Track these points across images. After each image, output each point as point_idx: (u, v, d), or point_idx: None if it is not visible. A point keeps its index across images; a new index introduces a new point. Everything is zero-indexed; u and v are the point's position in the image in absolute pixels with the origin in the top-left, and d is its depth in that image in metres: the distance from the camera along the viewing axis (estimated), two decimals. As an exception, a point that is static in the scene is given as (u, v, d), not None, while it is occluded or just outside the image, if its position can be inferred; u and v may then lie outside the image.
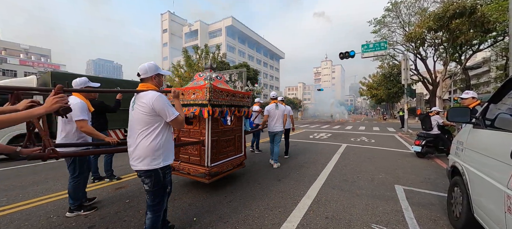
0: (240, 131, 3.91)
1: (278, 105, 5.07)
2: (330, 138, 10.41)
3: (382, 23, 19.48)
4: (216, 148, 3.29)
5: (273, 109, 5.02)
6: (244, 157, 3.98)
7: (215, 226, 2.41)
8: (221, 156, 3.43)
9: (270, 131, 5.06)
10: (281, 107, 5.13)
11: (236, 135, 3.80)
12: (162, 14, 57.34)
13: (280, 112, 5.06)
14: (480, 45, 15.77)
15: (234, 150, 3.77)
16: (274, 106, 5.05)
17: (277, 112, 5.03)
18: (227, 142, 3.58)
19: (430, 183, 3.85)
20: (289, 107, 5.86)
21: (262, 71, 57.89)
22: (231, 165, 3.61)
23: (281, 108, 5.11)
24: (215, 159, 3.27)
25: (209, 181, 3.17)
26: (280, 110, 5.07)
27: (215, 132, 3.27)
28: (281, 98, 5.63)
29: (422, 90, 31.59)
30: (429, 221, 2.55)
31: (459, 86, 32.29)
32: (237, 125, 3.85)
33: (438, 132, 5.89)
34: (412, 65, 18.96)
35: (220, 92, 3.23)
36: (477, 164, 1.97)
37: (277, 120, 5.02)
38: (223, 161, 3.45)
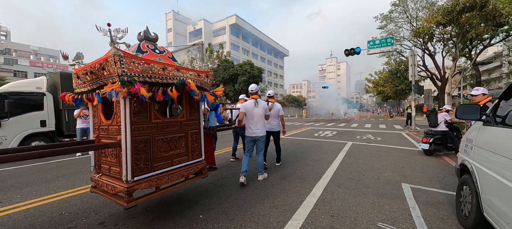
0: (196, 126, 2.89)
1: (258, 102, 3.76)
2: (336, 136, 10.33)
3: (388, 18, 19.09)
4: (147, 152, 2.29)
5: (251, 107, 3.70)
6: (205, 163, 3.01)
7: (221, 223, 2.44)
8: (158, 163, 2.40)
9: (249, 135, 3.74)
10: (262, 104, 3.80)
11: (188, 132, 2.76)
12: (166, 14, 57.72)
13: (260, 111, 3.72)
14: (491, 39, 15.28)
15: (186, 153, 2.73)
16: (252, 103, 3.73)
17: (256, 111, 3.69)
18: (170, 142, 2.53)
19: (438, 182, 3.78)
20: (279, 105, 4.70)
21: (266, 69, 57.73)
22: (180, 175, 2.61)
23: (262, 106, 3.77)
24: (145, 170, 2.27)
25: (128, 205, 2.11)
26: (260, 109, 3.73)
27: (143, 127, 2.27)
28: (271, 93, 4.66)
29: (430, 87, 30.92)
30: (437, 219, 2.51)
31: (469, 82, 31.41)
32: (191, 117, 2.81)
33: (446, 129, 5.77)
34: (420, 61, 18.55)
35: (143, 64, 2.10)
36: (487, 162, 1.93)
37: (257, 121, 3.72)
38: (161, 171, 2.42)
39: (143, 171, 2.26)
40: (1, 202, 3.16)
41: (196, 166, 2.86)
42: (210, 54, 26.52)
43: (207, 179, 3.93)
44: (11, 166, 5.13)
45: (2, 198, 3.33)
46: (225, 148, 7.13)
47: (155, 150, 2.38)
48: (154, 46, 2.65)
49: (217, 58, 26.45)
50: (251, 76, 25.21)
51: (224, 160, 5.44)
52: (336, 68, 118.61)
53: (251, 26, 53.46)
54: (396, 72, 26.98)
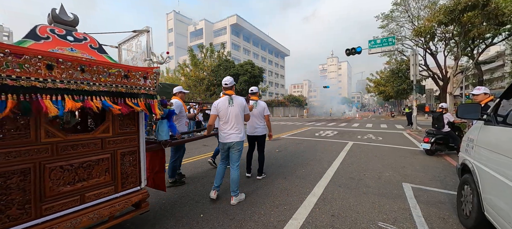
0: (133, 143, 2.11)
1: (234, 99, 2.97)
2: (336, 135, 10.32)
3: (390, 17, 19.05)
4: (26, 189, 1.54)
5: (224, 106, 2.93)
6: (146, 193, 2.19)
7: (221, 223, 2.45)
8: (54, 203, 1.65)
9: (221, 141, 2.99)
10: (238, 101, 2.99)
11: (117, 152, 2.00)
12: (167, 14, 57.89)
13: (236, 110, 2.94)
14: (493, 38, 15.19)
15: (112, 182, 1.96)
16: (225, 100, 2.95)
17: (231, 111, 2.92)
18: (80, 169, 1.78)
19: (440, 181, 3.77)
20: (264, 104, 3.87)
21: (267, 69, 57.72)
22: (98, 216, 1.85)
23: (238, 104, 2.97)
24: (21, 217, 1.51)
25: None
26: (236, 107, 2.95)
27: (19, 152, 1.51)
28: (254, 90, 3.97)
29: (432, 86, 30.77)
30: (438, 219, 2.50)
31: (471, 81, 31.26)
32: (123, 131, 2.04)
33: (448, 129, 5.75)
34: (421, 60, 18.49)
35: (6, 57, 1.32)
36: (488, 162, 1.93)
37: (232, 123, 2.92)
38: (59, 214, 1.67)
39: (16, 219, 1.48)
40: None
41: (129, 199, 2.05)
42: (211, 54, 26.59)
43: (207, 179, 3.94)
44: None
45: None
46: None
47: (48, 183, 1.61)
48: (65, 32, 1.94)
49: (218, 58, 26.51)
50: (252, 76, 25.25)
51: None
52: (338, 68, 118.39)
53: (252, 26, 53.47)
54: (397, 72, 26.89)
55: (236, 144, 2.95)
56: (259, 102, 3.85)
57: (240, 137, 2.95)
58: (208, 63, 26.46)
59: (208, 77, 25.66)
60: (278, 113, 41.62)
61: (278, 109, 42.23)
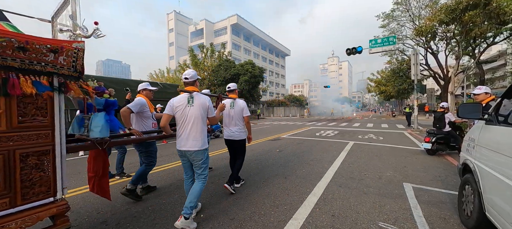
0: (44, 140, 1.64)
1: (194, 97, 2.39)
2: (337, 135, 10.30)
3: (390, 17, 18.99)
4: None
5: (182, 105, 2.36)
6: (63, 207, 1.71)
7: (221, 223, 2.45)
8: None
9: (178, 149, 2.42)
10: (200, 100, 2.40)
11: (15, 152, 1.52)
12: (168, 14, 57.95)
13: (196, 111, 2.37)
14: (495, 38, 15.11)
15: (6, 193, 1.48)
16: (183, 99, 2.38)
17: (190, 112, 2.36)
18: None
19: (441, 181, 3.76)
20: (243, 103, 3.36)
21: (268, 69, 57.67)
22: None
23: (200, 103, 2.39)
24: None
25: None
26: (197, 108, 2.37)
27: None
28: (232, 87, 3.46)
29: (433, 86, 30.68)
30: (439, 219, 2.49)
31: (472, 81, 31.13)
32: (27, 125, 1.56)
33: (449, 129, 5.72)
34: (422, 60, 18.43)
35: None
36: (489, 162, 1.92)
37: (190, 128, 2.36)
38: None
39: None
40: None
41: (35, 215, 1.56)
42: (212, 54, 26.61)
43: (208, 179, 3.93)
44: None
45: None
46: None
47: None
48: None
49: (219, 58, 26.53)
50: (253, 76, 25.24)
51: (225, 160, 5.45)
52: (338, 67, 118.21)
53: (252, 25, 53.44)
54: (398, 72, 26.83)
55: (196, 154, 2.35)
56: (237, 102, 3.35)
57: (199, 145, 2.35)
58: (208, 63, 26.47)
59: (208, 77, 25.66)
60: (279, 113, 41.61)
61: (279, 109, 42.23)
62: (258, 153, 6.30)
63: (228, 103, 3.35)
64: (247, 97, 27.17)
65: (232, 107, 3.31)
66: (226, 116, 3.34)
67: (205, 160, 2.45)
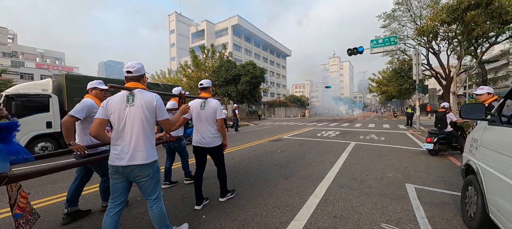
0: None
1: (136, 96, 1.82)
2: (339, 136, 10.28)
3: (392, 17, 18.94)
4: None
5: (119, 106, 1.81)
6: None
7: (223, 224, 2.45)
8: None
9: (111, 164, 1.82)
10: (145, 99, 1.83)
11: None
12: (169, 15, 58.15)
13: (136, 113, 1.80)
14: (497, 37, 15.03)
15: None
16: (122, 98, 1.84)
17: (129, 113, 1.80)
18: None
19: (443, 182, 3.73)
20: (217, 103, 2.83)
21: (269, 69, 57.67)
22: None
23: (144, 103, 1.82)
24: None
25: None
26: (138, 109, 1.80)
27: None
28: (205, 84, 2.89)
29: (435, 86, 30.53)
30: (442, 220, 2.48)
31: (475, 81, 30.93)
32: None
33: (450, 129, 5.69)
34: (424, 60, 18.35)
35: None
36: (492, 162, 1.90)
37: (131, 136, 1.79)
38: None
39: None
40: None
41: None
42: (213, 55, 26.66)
43: (209, 180, 3.95)
44: (17, 167, 5.22)
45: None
46: (244, 144, 7.14)
47: None
48: None
49: (220, 58, 26.58)
50: (254, 77, 25.24)
51: (227, 160, 5.44)
52: (339, 67, 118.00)
53: (253, 26, 53.49)
54: (399, 72, 26.73)
55: (140, 169, 1.76)
56: (210, 102, 2.80)
57: (144, 157, 1.77)
58: (209, 64, 26.52)
59: (209, 78, 25.71)
60: (280, 114, 41.60)
61: (280, 109, 42.23)
62: (260, 153, 6.30)
63: (197, 103, 2.82)
64: (248, 98, 27.18)
65: (202, 108, 2.76)
66: (195, 118, 2.81)
67: (155, 175, 1.87)
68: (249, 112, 36.25)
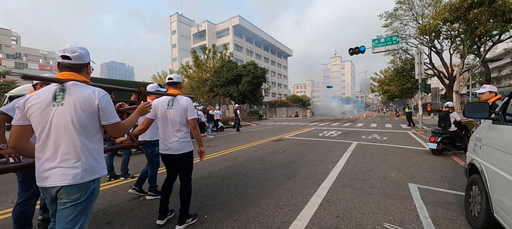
0: None
1: (66, 93, 1.30)
2: (340, 135, 10.24)
3: (393, 16, 18.84)
4: None
5: (40, 105, 1.28)
6: None
7: (225, 224, 2.46)
8: None
9: (38, 184, 1.30)
10: (81, 94, 1.31)
11: None
12: (170, 16, 58.35)
13: (65, 116, 1.28)
14: (501, 35, 14.86)
15: None
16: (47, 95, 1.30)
17: (57, 116, 1.28)
18: None
19: (447, 181, 3.71)
20: (188, 101, 2.35)
21: (270, 69, 57.62)
22: None
23: (78, 100, 1.30)
24: None
25: None
26: (68, 110, 1.28)
27: None
28: (175, 78, 2.47)
29: (437, 85, 30.32)
30: (445, 220, 2.46)
31: (478, 80, 30.67)
32: None
33: (454, 129, 5.65)
34: (426, 59, 18.23)
35: None
36: (497, 162, 1.89)
37: (57, 147, 1.28)
38: None
39: None
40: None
41: None
42: (214, 55, 26.72)
43: (211, 180, 3.96)
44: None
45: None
46: (245, 144, 7.15)
47: None
48: None
49: (221, 59, 26.64)
50: (255, 77, 25.26)
51: (229, 160, 5.46)
52: (341, 67, 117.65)
53: (254, 26, 53.50)
54: (401, 71, 26.56)
55: (66, 193, 1.28)
56: (179, 100, 2.34)
57: (75, 176, 1.28)
58: (210, 64, 26.58)
59: (211, 79, 25.76)
60: (281, 114, 41.59)
61: (281, 109, 42.21)
62: (261, 153, 6.29)
63: (164, 102, 2.36)
64: (250, 98, 27.19)
65: (170, 107, 2.31)
66: (161, 119, 2.33)
67: (85, 200, 1.32)
68: (250, 112, 36.26)
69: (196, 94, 24.02)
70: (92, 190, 1.36)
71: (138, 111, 1.75)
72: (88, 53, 1.46)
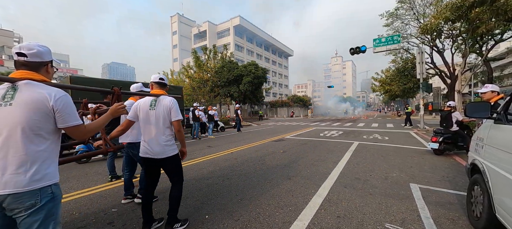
0: None
1: (18, 90, 1.19)
2: (342, 135, 10.22)
3: (394, 15, 18.76)
4: None
5: None
6: None
7: (226, 224, 2.46)
8: None
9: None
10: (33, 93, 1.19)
11: None
12: (171, 17, 58.49)
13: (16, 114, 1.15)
14: (503, 34, 14.77)
15: None
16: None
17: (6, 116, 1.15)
18: None
19: (449, 182, 3.69)
20: (171, 101, 2.24)
21: (271, 69, 57.61)
22: None
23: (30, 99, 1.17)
24: None
25: None
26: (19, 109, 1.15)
27: None
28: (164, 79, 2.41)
29: (439, 84, 30.19)
30: (447, 220, 2.45)
31: (480, 79, 30.49)
32: None
33: (456, 128, 5.62)
34: (428, 58, 18.14)
35: None
36: (498, 162, 1.88)
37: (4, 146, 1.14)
38: None
39: None
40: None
41: None
42: (214, 56, 26.75)
43: (212, 180, 3.96)
44: None
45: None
46: (246, 144, 7.15)
47: None
48: None
49: (221, 59, 26.67)
50: (256, 77, 25.26)
51: (230, 160, 5.46)
52: (342, 67, 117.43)
53: (255, 26, 53.52)
54: (403, 70, 26.45)
55: (13, 199, 1.14)
56: (162, 100, 2.24)
57: (23, 182, 1.15)
58: (211, 64, 26.62)
59: (212, 79, 25.80)
60: (283, 114, 41.58)
61: (282, 109, 42.20)
62: (262, 153, 6.29)
63: (146, 102, 2.25)
64: (251, 98, 27.18)
65: (152, 108, 2.20)
66: (143, 121, 2.23)
67: (45, 206, 1.20)
68: (251, 112, 36.26)
69: (197, 94, 24.05)
70: (49, 196, 1.22)
71: (109, 113, 1.62)
72: (49, 52, 1.37)
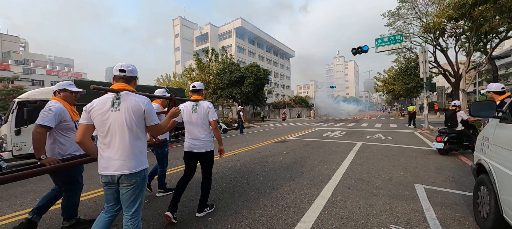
0: None
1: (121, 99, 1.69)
2: (345, 136, 10.16)
3: (396, 15, 18.66)
4: None
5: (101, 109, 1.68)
6: None
7: (230, 226, 2.46)
8: None
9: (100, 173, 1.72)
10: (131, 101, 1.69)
11: None
12: (173, 20, 58.99)
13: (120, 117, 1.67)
14: (507, 32, 14.57)
15: None
16: (105, 101, 1.71)
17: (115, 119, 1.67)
18: None
19: (454, 182, 3.64)
20: (208, 105, 2.72)
21: (273, 70, 57.65)
22: None
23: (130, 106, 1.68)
24: None
25: None
26: (123, 114, 1.67)
27: None
28: (198, 86, 2.81)
29: (443, 83, 29.87)
30: (453, 221, 2.41)
31: (485, 77, 30.10)
32: None
33: (462, 128, 5.55)
34: (431, 57, 17.98)
35: None
36: (505, 161, 1.85)
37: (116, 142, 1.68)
38: None
39: None
40: (22, 205, 3.31)
41: None
42: (216, 58, 26.88)
43: (215, 182, 3.96)
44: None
45: (18, 202, 3.49)
46: (249, 146, 7.16)
47: None
48: None
49: (223, 61, 26.79)
50: (258, 78, 25.28)
51: (232, 162, 5.47)
52: (344, 67, 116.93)
53: (256, 28, 53.67)
54: (406, 70, 26.27)
55: (125, 178, 1.64)
56: (201, 104, 2.70)
57: (132, 165, 1.65)
58: (213, 66, 26.74)
59: (214, 81, 25.91)
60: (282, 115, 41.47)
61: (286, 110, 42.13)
62: (265, 155, 6.28)
63: (189, 106, 2.72)
64: (253, 100, 27.20)
65: (194, 111, 2.67)
66: (187, 122, 2.71)
67: (140, 184, 1.71)
68: (253, 114, 36.27)
69: None
70: (143, 176, 1.74)
71: (171, 115, 2.11)
72: (136, 70, 1.85)
